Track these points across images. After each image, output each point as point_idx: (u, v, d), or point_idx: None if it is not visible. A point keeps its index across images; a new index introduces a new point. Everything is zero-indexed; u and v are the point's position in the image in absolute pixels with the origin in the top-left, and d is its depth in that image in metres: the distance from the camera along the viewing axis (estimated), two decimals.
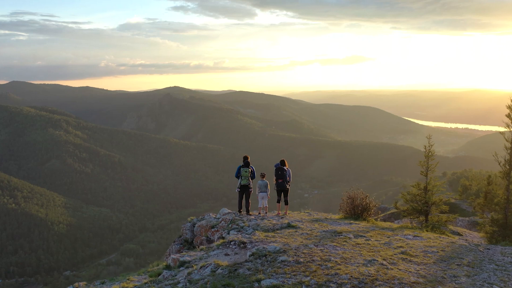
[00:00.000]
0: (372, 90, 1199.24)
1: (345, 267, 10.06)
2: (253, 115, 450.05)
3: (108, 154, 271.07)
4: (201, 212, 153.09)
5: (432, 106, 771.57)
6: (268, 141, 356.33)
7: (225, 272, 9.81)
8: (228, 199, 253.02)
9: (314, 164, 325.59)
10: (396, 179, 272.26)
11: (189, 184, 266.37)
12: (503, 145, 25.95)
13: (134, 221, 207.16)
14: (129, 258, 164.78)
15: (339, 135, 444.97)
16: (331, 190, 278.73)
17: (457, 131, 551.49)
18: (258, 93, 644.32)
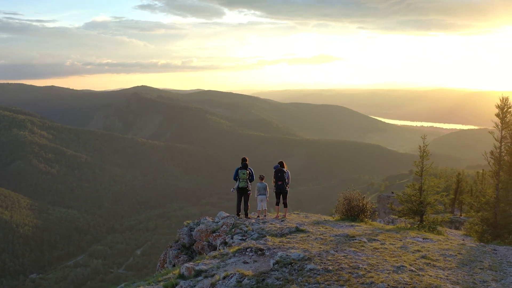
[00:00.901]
0: (340, 89, 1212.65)
1: (377, 274, 9.72)
2: (221, 114, 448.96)
3: (74, 155, 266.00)
4: (169, 212, 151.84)
5: (398, 105, 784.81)
6: (237, 141, 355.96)
7: (252, 282, 9.37)
8: (197, 198, 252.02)
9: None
10: (364, 177, 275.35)
11: (157, 184, 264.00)
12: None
13: (102, 222, 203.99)
14: (97, 260, 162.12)
15: (307, 134, 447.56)
16: (300, 188, 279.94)
17: (422, 129, 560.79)
18: (226, 92, 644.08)
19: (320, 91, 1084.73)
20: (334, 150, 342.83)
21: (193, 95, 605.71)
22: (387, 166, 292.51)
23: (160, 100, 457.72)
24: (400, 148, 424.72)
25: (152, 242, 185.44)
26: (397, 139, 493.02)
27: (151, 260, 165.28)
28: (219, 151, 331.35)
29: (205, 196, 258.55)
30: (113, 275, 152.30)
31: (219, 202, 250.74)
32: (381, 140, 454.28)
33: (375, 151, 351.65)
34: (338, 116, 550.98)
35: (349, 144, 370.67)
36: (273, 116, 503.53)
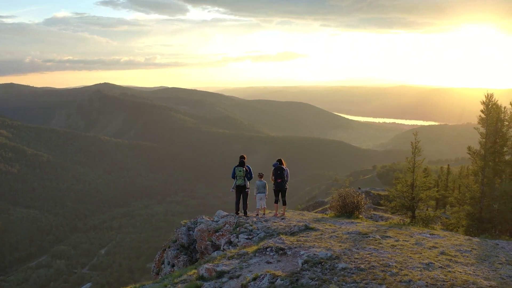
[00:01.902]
0: (304, 86, 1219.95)
1: (410, 272, 9.75)
2: (186, 111, 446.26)
3: (35, 154, 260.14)
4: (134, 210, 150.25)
5: (361, 102, 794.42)
6: (201, 138, 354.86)
7: (286, 283, 9.27)
8: (162, 196, 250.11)
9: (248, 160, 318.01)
10: (328, 173, 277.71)
11: (121, 182, 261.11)
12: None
13: (65, 221, 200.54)
14: (60, 260, 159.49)
15: (272, 130, 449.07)
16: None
17: (385, 126, 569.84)
18: (191, 89, 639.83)
19: (284, 88, 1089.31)
20: (298, 147, 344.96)
21: (157, 92, 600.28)
22: (351, 162, 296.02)
23: (123, 97, 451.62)
24: (363, 144, 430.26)
25: (117, 241, 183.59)
26: (360, 136, 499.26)
27: (115, 260, 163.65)
28: (184, 149, 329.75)
29: (170, 194, 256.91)
30: (77, 275, 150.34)
31: (184, 200, 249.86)
32: (344, 137, 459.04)
33: (339, 147, 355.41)
34: (302, 113, 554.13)
35: (313, 140, 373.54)
36: (238, 113, 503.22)
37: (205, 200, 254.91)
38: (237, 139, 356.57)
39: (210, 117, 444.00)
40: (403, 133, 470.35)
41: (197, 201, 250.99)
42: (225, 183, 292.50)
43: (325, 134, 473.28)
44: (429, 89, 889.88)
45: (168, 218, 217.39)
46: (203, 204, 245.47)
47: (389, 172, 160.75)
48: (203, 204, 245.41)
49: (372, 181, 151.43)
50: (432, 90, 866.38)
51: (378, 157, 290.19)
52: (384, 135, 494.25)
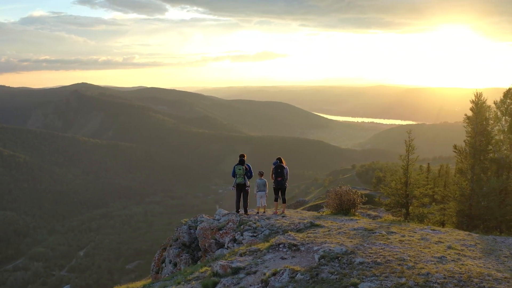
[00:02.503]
0: (283, 86, 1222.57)
1: (425, 265, 9.92)
2: (165, 111, 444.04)
3: (12, 155, 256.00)
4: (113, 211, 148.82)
5: (340, 101, 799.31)
6: (181, 138, 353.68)
7: (306, 277, 9.34)
8: (141, 197, 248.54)
9: (228, 160, 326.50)
10: (308, 172, 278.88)
11: (100, 183, 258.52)
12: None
13: (43, 223, 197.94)
14: (38, 263, 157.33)
15: (252, 130, 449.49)
16: None
17: (363, 125, 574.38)
18: (169, 89, 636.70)
19: (263, 87, 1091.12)
20: (278, 147, 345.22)
21: (136, 92, 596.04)
22: (330, 162, 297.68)
23: (101, 97, 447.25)
24: (342, 143, 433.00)
25: (96, 242, 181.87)
26: (339, 135, 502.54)
27: (94, 261, 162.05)
28: (163, 149, 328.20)
29: (149, 194, 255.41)
30: (55, 277, 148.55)
31: (164, 200, 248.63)
32: (323, 136, 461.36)
33: (318, 147, 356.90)
34: (282, 113, 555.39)
35: (293, 140, 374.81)
36: (217, 113, 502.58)
37: (184, 200, 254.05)
38: (216, 139, 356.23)
39: (189, 117, 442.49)
40: (381, 133, 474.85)
41: (177, 201, 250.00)
42: (204, 183, 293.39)
43: (305, 133, 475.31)
44: (406, 89, 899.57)
45: (147, 218, 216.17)
46: (182, 204, 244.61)
47: (368, 171, 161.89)
48: (183, 204, 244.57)
49: (352, 180, 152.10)
50: (409, 89, 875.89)
51: (357, 157, 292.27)
52: (362, 135, 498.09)
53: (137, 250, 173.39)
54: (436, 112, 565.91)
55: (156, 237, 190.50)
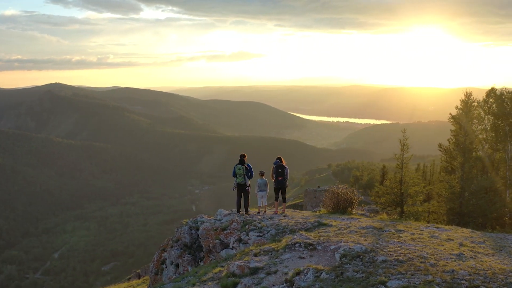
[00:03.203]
0: (259, 86, 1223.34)
1: (447, 262, 9.95)
2: (140, 111, 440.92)
3: None
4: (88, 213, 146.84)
5: (315, 101, 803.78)
6: (156, 138, 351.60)
7: (331, 276, 9.29)
8: (117, 198, 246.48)
9: (204, 160, 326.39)
10: None
11: (74, 184, 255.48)
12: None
13: (16, 226, 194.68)
14: (11, 266, 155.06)
15: (228, 130, 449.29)
16: (222, 185, 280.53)
17: (338, 125, 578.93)
18: (145, 89, 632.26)
19: (239, 87, 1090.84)
20: (254, 147, 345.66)
21: (110, 92, 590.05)
22: (306, 161, 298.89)
23: (75, 97, 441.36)
24: (318, 143, 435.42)
25: (71, 244, 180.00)
26: (315, 135, 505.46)
27: (69, 264, 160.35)
28: (138, 149, 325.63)
29: (125, 195, 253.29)
30: (29, 281, 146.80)
31: (140, 201, 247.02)
32: (299, 136, 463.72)
33: (294, 146, 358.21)
34: (258, 113, 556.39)
35: (269, 140, 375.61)
36: (193, 113, 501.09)
37: (161, 201, 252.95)
38: (192, 139, 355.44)
39: (165, 117, 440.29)
40: (357, 132, 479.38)
41: (153, 202, 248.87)
42: (181, 183, 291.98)
43: (280, 133, 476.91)
44: (381, 89, 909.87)
45: (123, 219, 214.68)
46: (158, 205, 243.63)
47: (344, 171, 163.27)
48: (159, 205, 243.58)
49: (328, 180, 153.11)
50: (383, 89, 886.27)
51: (332, 156, 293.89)
52: (338, 134, 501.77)
53: (113, 251, 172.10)
54: (410, 111, 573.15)
55: (132, 238, 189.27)
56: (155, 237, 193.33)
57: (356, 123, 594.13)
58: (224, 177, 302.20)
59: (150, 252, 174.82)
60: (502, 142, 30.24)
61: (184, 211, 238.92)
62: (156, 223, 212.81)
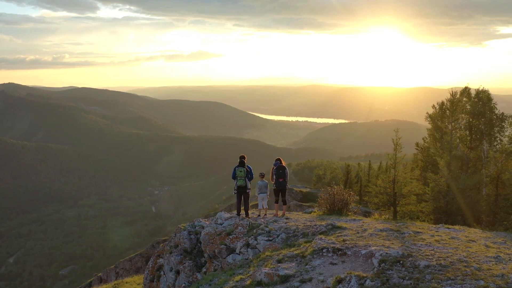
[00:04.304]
0: (218, 85, 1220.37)
1: (490, 266, 9.61)
2: (98, 112, 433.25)
3: None
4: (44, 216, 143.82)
5: (274, 101, 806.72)
6: (115, 139, 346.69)
7: (377, 283, 8.87)
8: (74, 200, 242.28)
9: (164, 161, 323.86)
10: None
11: (30, 187, 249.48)
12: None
13: None
14: None
15: (187, 130, 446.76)
16: (182, 185, 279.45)
17: (297, 124, 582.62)
18: (102, 89, 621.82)
19: (198, 87, 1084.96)
20: (214, 147, 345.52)
21: (66, 92, 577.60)
22: (266, 161, 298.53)
23: (30, 98, 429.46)
24: (277, 142, 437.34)
25: (26, 248, 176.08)
26: (275, 134, 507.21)
27: (25, 268, 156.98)
28: (96, 150, 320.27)
29: (83, 197, 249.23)
30: None
31: (98, 203, 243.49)
32: (259, 135, 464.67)
33: (253, 146, 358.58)
34: (217, 112, 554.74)
35: (229, 140, 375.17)
36: (152, 113, 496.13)
37: (119, 202, 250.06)
38: (151, 139, 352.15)
39: (123, 117, 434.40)
40: (315, 131, 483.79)
41: (111, 203, 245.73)
42: (140, 184, 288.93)
43: (240, 133, 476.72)
44: (339, 88, 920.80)
45: (81, 222, 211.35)
46: (117, 206, 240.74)
47: (304, 170, 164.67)
48: (118, 206, 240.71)
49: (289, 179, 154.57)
50: (342, 89, 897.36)
51: (292, 155, 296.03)
52: (297, 133, 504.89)
53: (70, 255, 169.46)
54: (367, 110, 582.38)
55: (90, 241, 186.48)
56: (114, 239, 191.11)
57: (315, 122, 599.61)
58: (184, 177, 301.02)
59: (110, 254, 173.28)
60: (477, 140, 30.61)
61: (143, 212, 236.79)
62: (115, 225, 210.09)
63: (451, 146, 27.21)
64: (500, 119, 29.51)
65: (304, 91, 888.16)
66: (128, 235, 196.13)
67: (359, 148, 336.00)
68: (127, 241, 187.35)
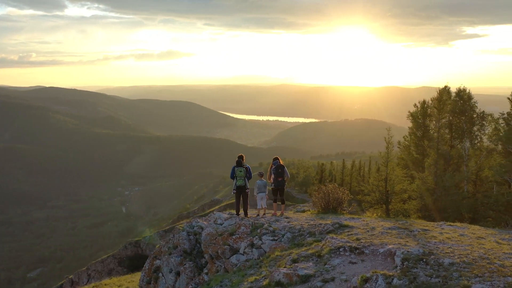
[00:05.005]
0: (189, 85, 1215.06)
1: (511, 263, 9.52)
2: (66, 112, 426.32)
3: None
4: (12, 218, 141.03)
5: (245, 100, 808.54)
6: (84, 139, 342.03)
7: (405, 282, 8.72)
8: (43, 202, 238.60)
9: (134, 161, 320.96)
10: (216, 171, 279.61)
11: None
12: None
13: None
14: None
15: (157, 130, 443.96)
16: (153, 186, 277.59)
17: (268, 123, 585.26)
18: (70, 89, 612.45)
19: (169, 87, 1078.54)
20: (185, 146, 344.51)
21: (34, 92, 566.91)
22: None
23: None
24: (248, 142, 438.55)
25: None
26: (246, 133, 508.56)
27: None
28: (65, 151, 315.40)
29: (52, 198, 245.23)
30: None
31: (67, 204, 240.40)
32: (230, 135, 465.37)
33: (225, 145, 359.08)
34: (188, 112, 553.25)
35: (200, 139, 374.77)
36: (122, 113, 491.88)
37: (89, 203, 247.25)
38: (121, 139, 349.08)
39: (92, 117, 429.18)
40: (286, 130, 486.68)
41: (81, 205, 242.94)
42: (110, 185, 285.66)
43: (211, 133, 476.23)
44: (309, 87, 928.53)
45: (50, 224, 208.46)
46: (87, 207, 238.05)
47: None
48: (88, 207, 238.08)
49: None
50: (312, 88, 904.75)
51: (263, 154, 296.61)
52: (268, 133, 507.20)
53: (39, 257, 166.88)
54: (337, 110, 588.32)
55: (60, 243, 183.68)
56: (85, 240, 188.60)
57: (286, 121, 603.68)
58: (155, 178, 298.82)
59: (80, 256, 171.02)
60: (457, 138, 30.93)
61: (114, 213, 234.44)
62: (85, 226, 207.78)
63: (439, 145, 27.27)
64: (481, 117, 30.04)
65: (275, 91, 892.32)
66: (99, 236, 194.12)
67: (329, 147, 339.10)
68: (97, 242, 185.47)
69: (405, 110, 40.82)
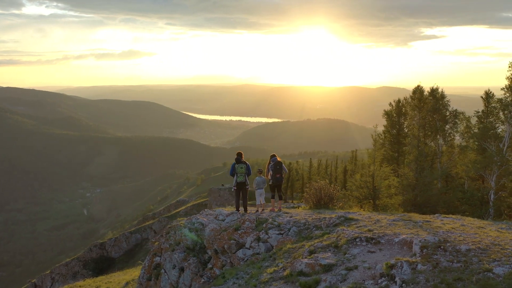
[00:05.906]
0: (150, 85, 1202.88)
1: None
2: (24, 112, 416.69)
3: None
4: None
5: (208, 100, 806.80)
6: (43, 140, 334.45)
7: (429, 267, 9.06)
8: (0, 205, 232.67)
9: (95, 162, 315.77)
10: (179, 171, 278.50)
11: None
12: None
13: None
14: None
15: (119, 130, 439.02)
16: (115, 187, 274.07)
17: (231, 123, 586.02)
18: (28, 89, 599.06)
19: (130, 87, 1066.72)
20: (147, 147, 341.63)
21: None
22: (201, 160, 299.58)
23: None
24: (211, 142, 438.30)
25: None
26: (208, 134, 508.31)
27: None
28: (23, 153, 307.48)
29: (10, 201, 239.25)
30: None
31: (26, 207, 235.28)
32: (193, 135, 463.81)
33: (188, 146, 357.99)
34: (150, 112, 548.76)
35: (162, 140, 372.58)
36: (82, 114, 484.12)
37: (49, 206, 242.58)
38: (82, 140, 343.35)
39: (51, 118, 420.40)
40: (249, 130, 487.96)
41: (41, 207, 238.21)
42: (70, 186, 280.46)
43: (174, 133, 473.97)
44: (272, 87, 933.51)
45: (8, 227, 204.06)
46: (47, 210, 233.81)
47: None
48: (48, 210, 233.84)
49: (225, 178, 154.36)
50: (274, 88, 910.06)
51: (227, 154, 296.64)
52: (231, 133, 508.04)
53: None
54: (300, 109, 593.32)
55: (19, 247, 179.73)
56: (45, 244, 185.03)
57: (249, 121, 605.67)
58: (117, 179, 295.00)
59: (40, 260, 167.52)
60: (430, 136, 31.75)
61: (75, 215, 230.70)
62: (45, 229, 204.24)
63: (419, 142, 28.14)
64: (453, 115, 30.95)
65: (237, 91, 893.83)
66: (59, 239, 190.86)
67: (292, 146, 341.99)
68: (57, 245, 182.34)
69: (365, 109, 41.61)
